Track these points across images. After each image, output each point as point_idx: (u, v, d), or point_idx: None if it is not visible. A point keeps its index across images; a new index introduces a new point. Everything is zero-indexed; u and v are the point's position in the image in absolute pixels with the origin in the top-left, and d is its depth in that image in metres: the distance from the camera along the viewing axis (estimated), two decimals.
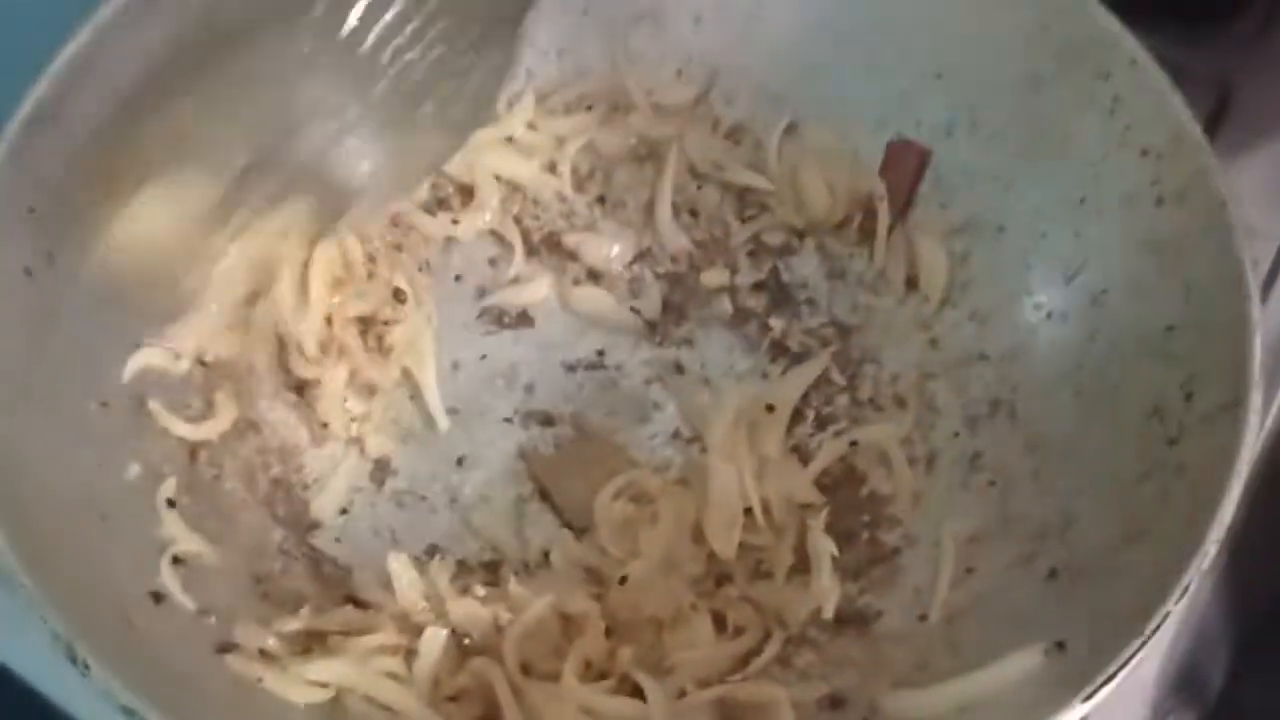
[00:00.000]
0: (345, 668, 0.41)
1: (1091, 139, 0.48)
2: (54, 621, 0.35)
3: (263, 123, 0.45)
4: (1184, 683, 0.54)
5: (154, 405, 0.45)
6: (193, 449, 0.46)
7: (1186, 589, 0.37)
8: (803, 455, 0.50)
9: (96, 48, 0.44)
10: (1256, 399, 0.40)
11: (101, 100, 0.44)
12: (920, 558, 0.47)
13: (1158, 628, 0.36)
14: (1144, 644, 0.36)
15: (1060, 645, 0.38)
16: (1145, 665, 0.52)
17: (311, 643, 0.42)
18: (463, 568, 0.47)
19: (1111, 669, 0.36)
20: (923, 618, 0.45)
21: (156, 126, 0.44)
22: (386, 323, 0.51)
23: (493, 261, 0.55)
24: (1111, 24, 0.47)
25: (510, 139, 0.55)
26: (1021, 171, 0.50)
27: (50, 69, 0.43)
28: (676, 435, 0.52)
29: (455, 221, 0.54)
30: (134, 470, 0.43)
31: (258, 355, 0.49)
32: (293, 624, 0.42)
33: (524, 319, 0.54)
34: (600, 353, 0.53)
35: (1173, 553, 0.38)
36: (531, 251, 0.55)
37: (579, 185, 0.56)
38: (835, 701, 0.42)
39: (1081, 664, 0.36)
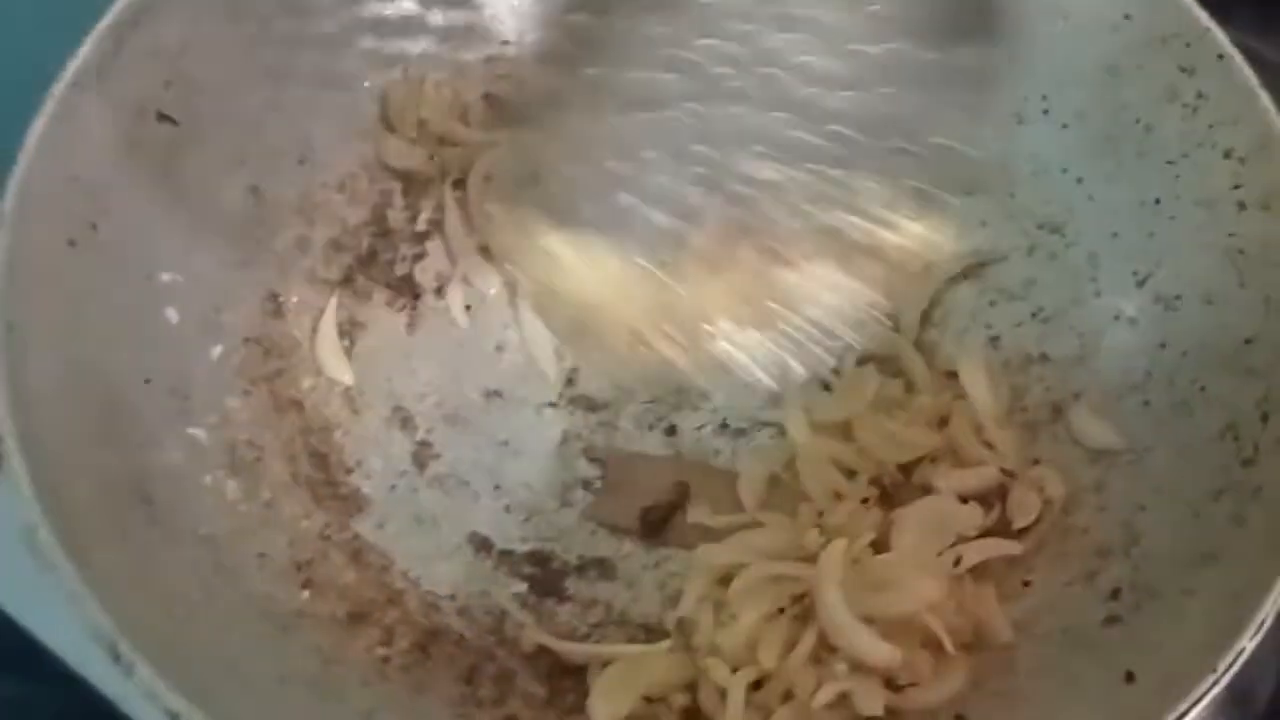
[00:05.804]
0: None
1: (1171, 136, 0.46)
2: (98, 618, 0.34)
3: None
4: (1230, 693, 0.53)
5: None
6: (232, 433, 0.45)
7: (1263, 624, 0.35)
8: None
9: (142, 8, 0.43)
10: None
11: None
12: None
13: (1232, 665, 0.35)
14: (1216, 682, 0.35)
15: (1130, 676, 0.37)
16: None
17: None
18: (506, 557, 0.47)
19: (1182, 707, 0.34)
20: None
21: None
22: None
23: None
24: (1200, 16, 0.45)
25: None
26: (1094, 166, 0.49)
27: (95, 30, 0.42)
28: (724, 426, 0.50)
29: None
30: (175, 455, 0.42)
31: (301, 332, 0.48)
32: None
33: None
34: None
35: (1247, 580, 0.37)
36: None
37: None
38: None
39: (1150, 697, 0.35)
